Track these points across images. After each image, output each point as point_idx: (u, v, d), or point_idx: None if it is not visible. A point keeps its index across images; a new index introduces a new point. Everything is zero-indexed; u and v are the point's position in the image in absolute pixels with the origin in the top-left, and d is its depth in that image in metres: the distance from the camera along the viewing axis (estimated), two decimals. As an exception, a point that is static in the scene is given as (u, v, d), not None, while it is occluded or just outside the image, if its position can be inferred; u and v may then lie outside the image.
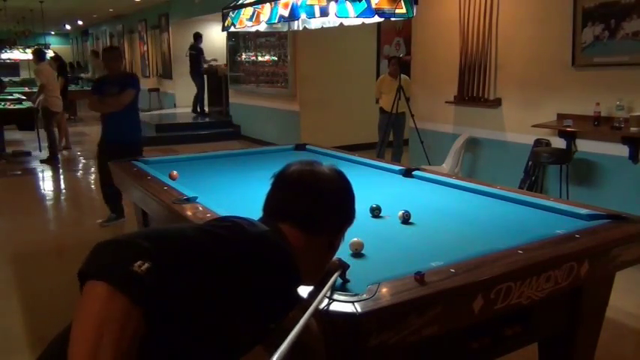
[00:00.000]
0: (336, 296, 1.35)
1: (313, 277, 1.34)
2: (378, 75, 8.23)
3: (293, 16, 2.83)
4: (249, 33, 9.14)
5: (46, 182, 7.42)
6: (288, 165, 1.35)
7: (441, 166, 5.30)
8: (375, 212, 2.22)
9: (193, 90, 11.63)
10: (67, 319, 1.14)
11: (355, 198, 1.38)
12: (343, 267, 1.49)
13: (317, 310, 1.24)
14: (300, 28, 3.32)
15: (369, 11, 2.75)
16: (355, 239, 1.75)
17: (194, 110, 11.63)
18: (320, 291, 1.30)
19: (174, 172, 2.92)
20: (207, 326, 0.99)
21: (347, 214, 1.35)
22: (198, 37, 11.25)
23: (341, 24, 3.08)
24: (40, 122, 8.54)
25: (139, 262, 0.87)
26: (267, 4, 3.01)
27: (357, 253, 1.76)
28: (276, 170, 1.36)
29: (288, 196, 1.29)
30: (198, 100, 11.56)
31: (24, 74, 21.13)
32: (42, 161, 8.11)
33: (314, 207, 1.27)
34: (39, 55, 8.48)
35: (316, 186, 1.29)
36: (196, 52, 11.18)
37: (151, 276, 0.87)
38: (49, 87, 8.09)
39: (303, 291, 1.35)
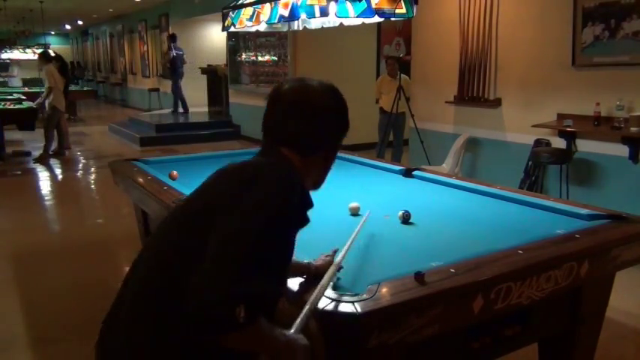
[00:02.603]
0: (336, 296, 1.35)
1: (315, 187, 1.39)
2: (378, 75, 8.23)
3: (293, 16, 2.83)
4: (249, 33, 9.15)
5: (45, 182, 7.41)
6: (281, 84, 1.37)
7: (441, 166, 5.29)
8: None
9: (194, 90, 11.60)
10: (67, 319, 1.15)
11: (347, 109, 1.39)
12: (337, 267, 1.48)
13: (316, 310, 1.24)
14: (300, 28, 3.32)
15: (369, 11, 2.76)
16: (354, 203, 2.12)
17: (176, 110, 11.63)
18: (320, 291, 1.30)
19: (175, 172, 2.92)
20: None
21: (341, 128, 1.38)
22: (174, 37, 11.23)
23: (341, 24, 3.09)
24: (43, 122, 8.57)
25: (237, 310, 0.96)
26: (267, 4, 3.01)
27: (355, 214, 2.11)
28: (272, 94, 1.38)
29: (282, 118, 1.32)
30: (179, 98, 11.54)
31: (24, 74, 21.12)
32: (35, 160, 8.16)
33: (309, 129, 1.31)
34: (46, 57, 8.53)
35: (309, 106, 1.32)
36: (179, 51, 11.17)
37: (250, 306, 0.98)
38: (58, 86, 8.21)
39: (303, 291, 1.35)
